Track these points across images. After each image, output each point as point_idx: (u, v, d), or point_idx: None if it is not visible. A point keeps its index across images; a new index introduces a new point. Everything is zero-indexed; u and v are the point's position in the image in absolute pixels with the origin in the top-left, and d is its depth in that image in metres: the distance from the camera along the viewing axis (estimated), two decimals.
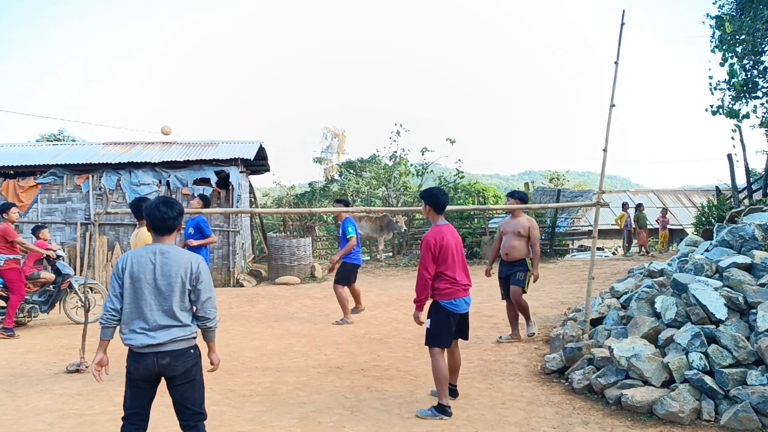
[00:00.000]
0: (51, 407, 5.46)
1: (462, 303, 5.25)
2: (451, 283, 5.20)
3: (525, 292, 7.45)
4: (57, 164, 14.51)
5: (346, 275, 9.10)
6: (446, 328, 5.20)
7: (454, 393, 5.45)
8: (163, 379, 3.67)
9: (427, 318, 5.27)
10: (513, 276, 7.41)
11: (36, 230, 9.63)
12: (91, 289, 9.38)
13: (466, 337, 5.54)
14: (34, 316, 9.21)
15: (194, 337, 3.69)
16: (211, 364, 3.86)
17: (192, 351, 3.67)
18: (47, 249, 9.21)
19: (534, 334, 7.54)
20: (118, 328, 3.65)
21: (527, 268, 7.39)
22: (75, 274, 10.00)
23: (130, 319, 3.56)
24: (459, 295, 5.22)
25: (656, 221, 19.82)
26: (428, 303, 5.32)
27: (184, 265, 3.61)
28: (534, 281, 7.57)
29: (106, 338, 3.67)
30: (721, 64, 12.88)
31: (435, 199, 5.34)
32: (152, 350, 3.54)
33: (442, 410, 5.09)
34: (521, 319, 7.62)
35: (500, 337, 7.66)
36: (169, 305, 3.56)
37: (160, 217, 3.65)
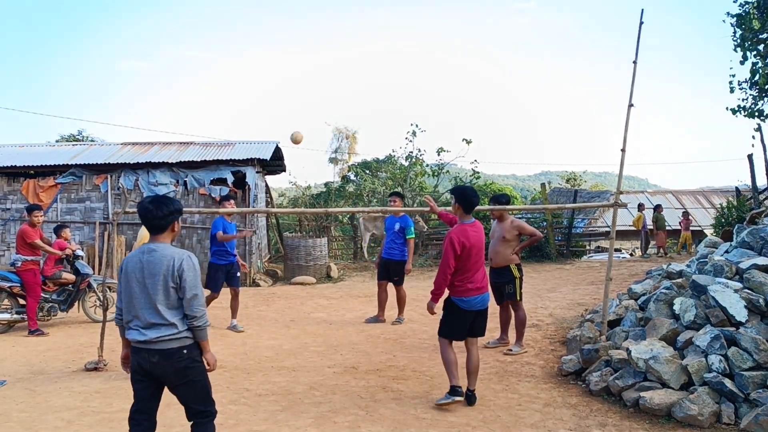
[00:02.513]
0: (70, 405, 5.52)
1: (472, 301, 5.35)
2: (462, 281, 5.32)
3: (520, 300, 7.19)
4: (76, 164, 14.66)
5: (404, 274, 9.14)
6: (456, 322, 5.40)
7: (471, 398, 5.42)
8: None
9: (442, 309, 5.49)
10: (504, 289, 7.22)
11: (58, 229, 9.73)
12: (109, 288, 9.47)
13: (477, 334, 5.56)
14: (54, 315, 9.32)
15: (187, 337, 3.64)
16: (208, 364, 3.77)
17: (185, 352, 3.62)
18: (64, 249, 9.28)
19: (513, 352, 7.10)
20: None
21: (513, 276, 7.13)
22: (94, 274, 10.10)
23: (128, 316, 3.66)
24: (471, 294, 5.34)
25: (680, 224, 19.58)
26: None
27: (167, 262, 3.59)
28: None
29: (123, 335, 3.78)
30: (741, 63, 12.73)
31: (467, 198, 5.43)
32: (143, 347, 3.59)
33: (453, 392, 5.32)
34: (513, 322, 7.35)
35: (488, 342, 7.46)
36: (154, 303, 3.57)
37: (145, 215, 3.68)
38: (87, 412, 5.30)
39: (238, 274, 8.81)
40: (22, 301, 8.98)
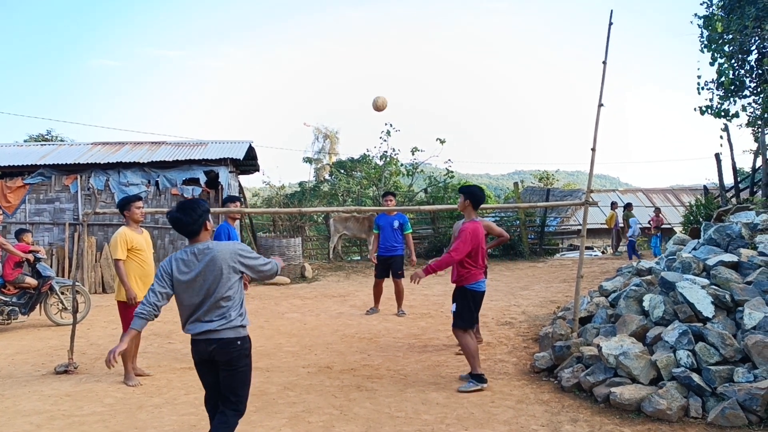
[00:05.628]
0: (39, 408, 5.42)
1: (482, 283, 5.94)
2: (472, 265, 5.80)
3: None
4: (45, 164, 14.40)
5: (404, 268, 9.61)
6: (470, 309, 5.88)
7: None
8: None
9: (453, 303, 5.90)
10: None
11: (19, 234, 9.53)
12: (78, 292, 9.25)
13: (477, 321, 6.13)
14: (14, 319, 9.08)
15: (241, 327, 3.85)
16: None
17: (238, 343, 3.83)
18: (27, 252, 9.06)
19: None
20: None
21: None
22: (56, 276, 9.86)
23: (185, 313, 3.84)
24: (480, 277, 5.90)
25: (650, 221, 19.77)
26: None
27: (224, 253, 3.77)
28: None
29: (139, 328, 3.89)
30: (711, 64, 12.98)
31: (475, 195, 5.94)
32: (203, 337, 3.79)
33: (481, 379, 5.74)
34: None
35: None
36: (213, 296, 3.75)
37: (175, 224, 3.81)
38: (57, 416, 5.21)
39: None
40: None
